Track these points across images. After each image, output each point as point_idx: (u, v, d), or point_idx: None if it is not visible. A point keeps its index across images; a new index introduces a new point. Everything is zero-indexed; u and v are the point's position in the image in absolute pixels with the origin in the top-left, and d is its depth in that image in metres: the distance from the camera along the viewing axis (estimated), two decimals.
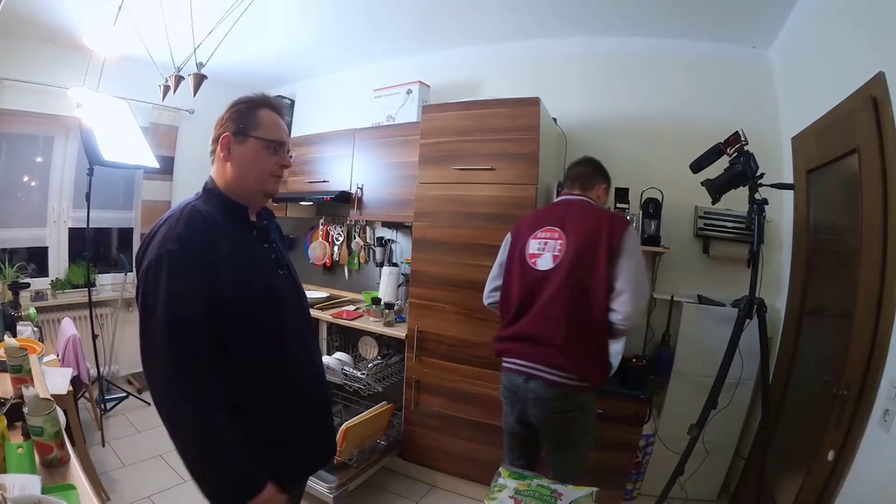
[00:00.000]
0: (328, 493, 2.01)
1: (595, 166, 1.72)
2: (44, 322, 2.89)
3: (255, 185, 1.05)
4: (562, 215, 1.60)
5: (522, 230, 1.65)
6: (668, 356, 2.27)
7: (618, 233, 1.47)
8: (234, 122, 1.02)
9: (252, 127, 1.02)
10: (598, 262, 1.46)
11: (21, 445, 1.11)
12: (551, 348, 1.47)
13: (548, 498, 0.99)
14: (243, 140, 1.02)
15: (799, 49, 2.06)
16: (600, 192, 1.71)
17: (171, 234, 0.93)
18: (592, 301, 1.46)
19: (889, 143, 1.30)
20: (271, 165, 1.05)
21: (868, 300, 1.35)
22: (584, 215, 1.56)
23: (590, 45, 2.61)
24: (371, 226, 3.21)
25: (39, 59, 2.84)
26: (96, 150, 2.57)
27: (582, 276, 1.47)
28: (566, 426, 1.51)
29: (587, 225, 1.52)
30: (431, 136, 2.30)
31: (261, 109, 1.04)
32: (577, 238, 1.51)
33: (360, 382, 2.36)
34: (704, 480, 2.16)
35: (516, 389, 1.55)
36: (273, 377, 1.01)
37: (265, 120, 1.04)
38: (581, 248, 1.49)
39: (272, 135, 1.04)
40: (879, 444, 1.22)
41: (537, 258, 1.56)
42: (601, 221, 1.51)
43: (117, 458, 2.42)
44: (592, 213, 1.58)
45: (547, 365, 1.47)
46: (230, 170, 1.03)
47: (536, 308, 1.53)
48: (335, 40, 2.97)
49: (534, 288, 1.55)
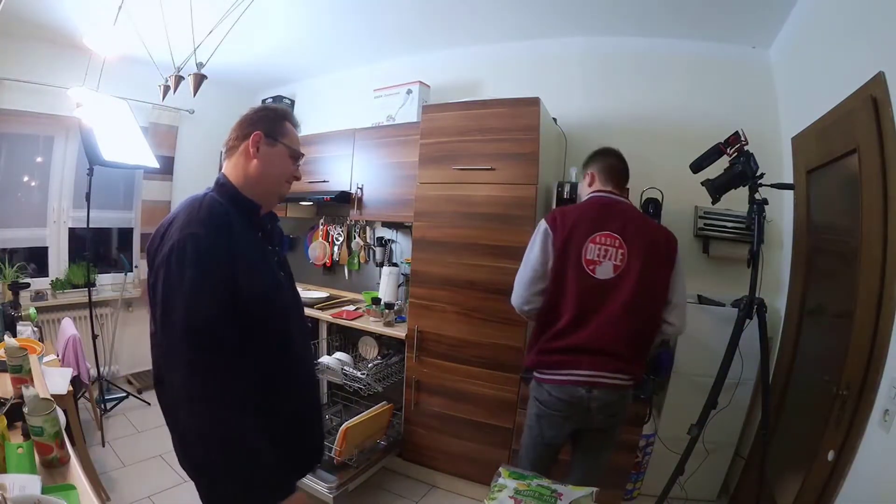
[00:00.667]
0: (328, 493, 2.01)
1: (626, 162, 1.65)
2: (44, 322, 2.89)
3: (273, 186, 1.09)
4: (621, 221, 1.49)
5: (574, 230, 1.48)
6: (668, 356, 2.27)
7: (675, 249, 1.51)
8: (266, 124, 1.07)
9: (281, 134, 1.08)
10: (661, 277, 1.47)
11: (21, 445, 1.10)
12: (615, 357, 1.44)
13: (548, 498, 0.99)
14: (274, 143, 1.07)
15: (799, 49, 2.06)
16: (628, 193, 1.69)
17: (194, 217, 0.94)
18: (654, 313, 1.48)
19: (889, 143, 1.30)
20: (289, 172, 1.11)
21: (868, 300, 1.35)
22: (643, 226, 1.52)
23: (590, 45, 2.60)
24: (371, 226, 3.21)
25: (39, 59, 2.84)
26: (96, 150, 2.57)
27: (647, 290, 1.45)
28: (617, 426, 1.56)
29: (650, 237, 1.49)
30: (431, 136, 2.30)
31: (286, 121, 1.12)
32: (643, 251, 1.45)
33: (360, 382, 2.36)
34: (704, 480, 2.16)
35: (577, 401, 1.46)
36: (278, 377, 1.03)
37: (290, 131, 1.12)
38: (647, 262, 1.45)
39: (296, 146, 1.12)
40: (879, 444, 1.22)
41: (596, 266, 1.46)
42: (660, 235, 1.52)
43: (117, 458, 2.42)
44: (650, 224, 1.57)
45: (609, 370, 1.44)
46: (254, 167, 1.05)
47: (599, 319, 1.44)
48: (335, 40, 2.97)
49: (593, 297, 1.45)
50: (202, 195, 1.02)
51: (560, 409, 1.49)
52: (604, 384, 1.44)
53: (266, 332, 1.00)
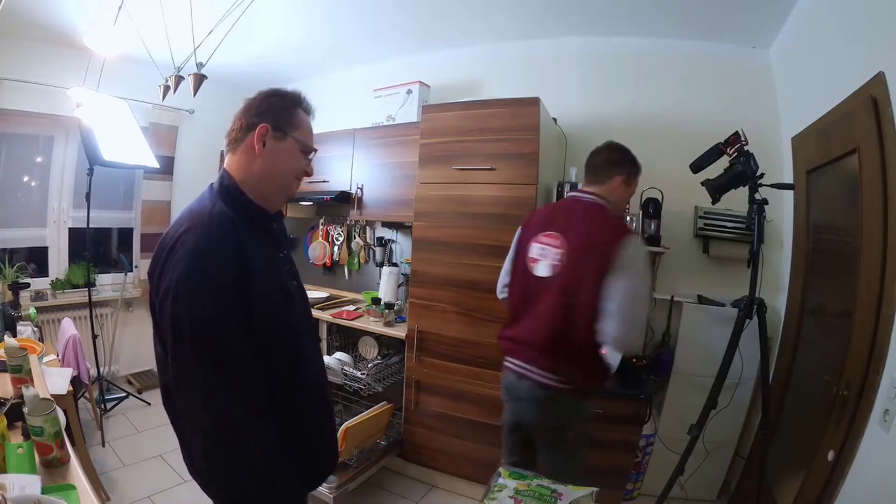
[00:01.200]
0: (328, 493, 2.01)
1: (612, 155, 1.53)
2: (44, 322, 2.89)
3: (281, 184, 0.99)
4: (566, 219, 1.49)
5: (529, 229, 1.58)
6: (668, 356, 2.27)
7: (615, 246, 1.34)
8: (273, 115, 0.96)
9: (291, 126, 0.97)
10: (589, 278, 1.36)
11: (21, 445, 1.10)
12: (540, 351, 1.46)
13: (548, 498, 0.99)
14: (282, 137, 0.96)
15: (799, 49, 2.06)
16: (615, 186, 1.51)
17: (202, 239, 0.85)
18: (580, 319, 1.38)
19: (889, 143, 1.30)
20: (300, 169, 1.01)
21: (868, 300, 1.35)
22: (587, 222, 1.45)
23: (590, 45, 2.61)
24: (371, 226, 3.21)
25: (39, 59, 2.84)
26: (96, 150, 2.57)
27: (573, 292, 1.39)
28: (555, 427, 1.49)
29: (587, 234, 1.42)
30: (431, 136, 2.30)
31: (297, 109, 1.00)
32: (575, 250, 1.42)
33: (360, 382, 2.36)
34: (704, 480, 2.16)
35: (511, 388, 1.54)
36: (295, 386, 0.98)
37: (304, 122, 1.00)
38: (576, 262, 1.41)
39: (308, 139, 1.01)
40: (879, 444, 1.22)
41: (536, 263, 1.50)
42: (602, 231, 1.40)
43: (117, 458, 2.42)
44: (597, 220, 1.46)
45: (538, 366, 1.46)
46: (259, 164, 0.95)
47: (531, 315, 1.50)
48: (335, 40, 2.97)
49: (530, 293, 1.51)
50: (210, 207, 0.91)
51: (504, 394, 1.60)
52: (532, 379, 1.46)
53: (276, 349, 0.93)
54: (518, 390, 1.51)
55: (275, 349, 0.91)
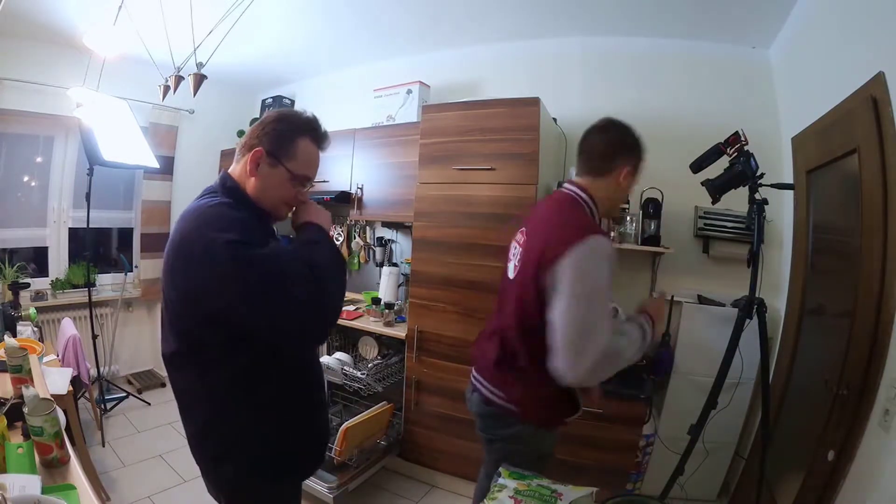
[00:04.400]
0: (328, 493, 2.01)
1: (617, 137, 1.24)
2: (44, 322, 2.89)
3: (269, 205, 1.02)
4: (535, 217, 1.31)
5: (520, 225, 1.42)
6: (668, 356, 2.27)
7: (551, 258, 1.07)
8: (271, 141, 0.99)
9: (287, 156, 0.99)
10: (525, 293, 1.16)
11: (21, 445, 1.10)
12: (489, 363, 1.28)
13: (548, 498, 0.99)
14: (274, 164, 0.99)
15: (799, 49, 2.06)
16: (620, 178, 1.21)
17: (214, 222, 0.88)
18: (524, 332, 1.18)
19: (889, 143, 1.30)
20: (290, 195, 1.03)
21: (868, 300, 1.35)
22: (547, 223, 1.22)
23: (589, 45, 2.60)
24: (371, 226, 3.21)
25: (39, 59, 2.84)
26: (96, 150, 2.57)
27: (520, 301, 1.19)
28: (497, 450, 1.29)
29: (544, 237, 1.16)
30: (431, 136, 2.30)
31: (302, 138, 1.01)
32: (530, 254, 1.19)
33: (360, 382, 2.36)
34: (704, 480, 2.16)
35: (466, 399, 1.40)
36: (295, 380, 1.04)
37: (302, 152, 1.01)
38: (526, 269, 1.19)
39: (303, 170, 1.02)
40: (879, 444, 1.22)
41: (508, 263, 1.34)
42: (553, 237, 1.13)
43: (117, 458, 2.42)
44: (553, 218, 1.22)
45: (485, 379, 1.30)
46: (252, 184, 1.00)
47: (493, 320, 1.37)
48: (335, 40, 2.97)
49: (500, 296, 1.36)
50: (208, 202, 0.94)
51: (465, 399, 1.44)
52: (480, 392, 1.31)
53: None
54: (469, 402, 1.38)
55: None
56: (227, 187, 1.00)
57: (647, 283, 2.45)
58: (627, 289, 2.42)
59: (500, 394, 1.25)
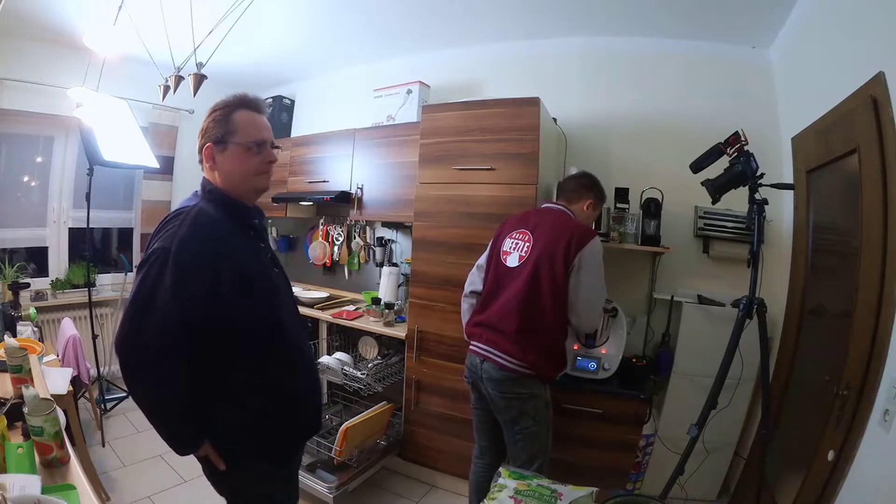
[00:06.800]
0: (328, 493, 2.01)
1: (585, 182, 1.83)
2: (44, 322, 2.89)
3: (243, 186, 1.09)
4: (536, 220, 1.74)
5: (503, 230, 1.81)
6: (668, 356, 2.27)
7: (576, 247, 1.60)
8: (211, 132, 1.06)
9: (230, 133, 1.05)
10: (554, 270, 1.61)
11: (21, 445, 1.11)
12: (505, 336, 1.63)
13: (548, 498, 0.99)
14: (224, 148, 1.06)
15: (799, 49, 2.06)
16: (585, 207, 1.81)
17: (173, 234, 0.97)
18: (544, 303, 1.61)
19: (889, 143, 1.30)
20: (256, 165, 1.08)
21: (868, 300, 1.35)
22: (555, 225, 1.69)
23: (589, 44, 2.60)
24: (371, 226, 3.21)
25: (39, 59, 2.84)
26: (96, 150, 2.57)
27: (538, 282, 1.62)
28: (515, 408, 1.64)
29: (554, 233, 1.65)
30: (431, 136, 2.30)
31: (236, 112, 1.06)
32: (542, 244, 1.65)
33: (360, 382, 2.36)
34: (704, 480, 2.16)
35: (474, 368, 1.72)
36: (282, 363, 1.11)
37: (241, 122, 1.06)
38: (542, 254, 1.63)
39: (250, 136, 1.07)
40: (879, 444, 1.22)
41: (507, 256, 1.73)
42: (567, 232, 1.63)
43: (117, 458, 2.42)
44: (564, 223, 1.70)
45: (500, 350, 1.63)
46: (218, 176, 1.08)
47: (500, 300, 1.69)
48: (335, 40, 2.97)
49: (501, 282, 1.72)
50: (190, 207, 1.03)
51: (467, 375, 1.78)
52: (493, 360, 1.64)
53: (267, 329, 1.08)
54: (481, 371, 1.68)
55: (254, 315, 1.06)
56: (207, 190, 1.08)
57: (647, 283, 2.46)
58: (628, 289, 2.42)
59: (515, 360, 1.60)
